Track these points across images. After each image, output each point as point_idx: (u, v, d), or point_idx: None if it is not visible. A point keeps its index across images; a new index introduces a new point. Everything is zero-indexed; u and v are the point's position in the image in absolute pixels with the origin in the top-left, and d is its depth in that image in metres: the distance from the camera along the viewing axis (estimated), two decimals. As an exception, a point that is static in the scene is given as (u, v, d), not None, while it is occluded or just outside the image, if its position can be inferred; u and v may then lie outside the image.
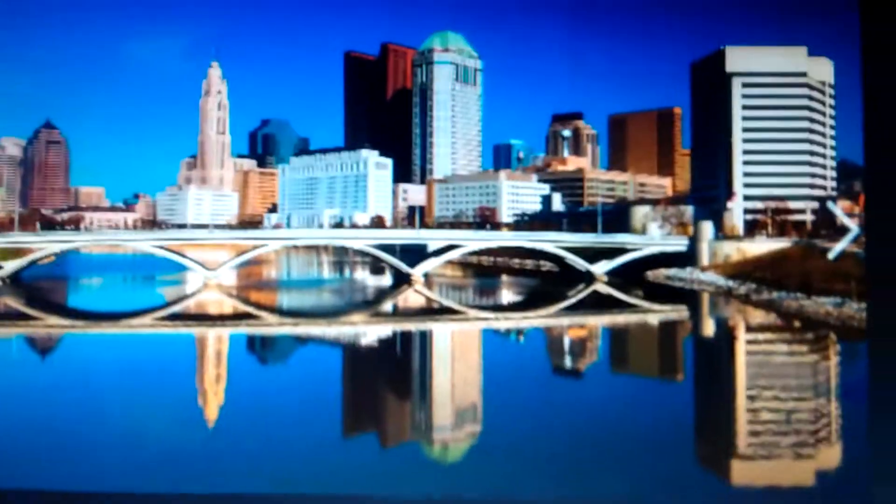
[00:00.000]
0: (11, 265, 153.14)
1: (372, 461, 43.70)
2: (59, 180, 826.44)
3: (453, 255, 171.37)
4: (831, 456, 45.27)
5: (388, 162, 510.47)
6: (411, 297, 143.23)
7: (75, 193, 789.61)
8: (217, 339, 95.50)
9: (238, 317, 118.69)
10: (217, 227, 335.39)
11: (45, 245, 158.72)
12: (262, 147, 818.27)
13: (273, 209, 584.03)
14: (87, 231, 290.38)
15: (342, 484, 36.83)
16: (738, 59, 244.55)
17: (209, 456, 42.65)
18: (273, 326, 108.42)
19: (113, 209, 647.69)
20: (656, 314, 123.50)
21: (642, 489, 37.45)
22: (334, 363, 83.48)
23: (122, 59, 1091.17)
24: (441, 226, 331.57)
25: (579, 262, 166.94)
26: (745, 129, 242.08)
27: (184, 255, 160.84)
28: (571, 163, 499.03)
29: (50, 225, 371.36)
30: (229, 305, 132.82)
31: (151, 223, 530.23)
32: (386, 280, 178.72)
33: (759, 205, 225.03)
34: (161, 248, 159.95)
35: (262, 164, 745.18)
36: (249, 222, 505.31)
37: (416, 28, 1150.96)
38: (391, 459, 45.40)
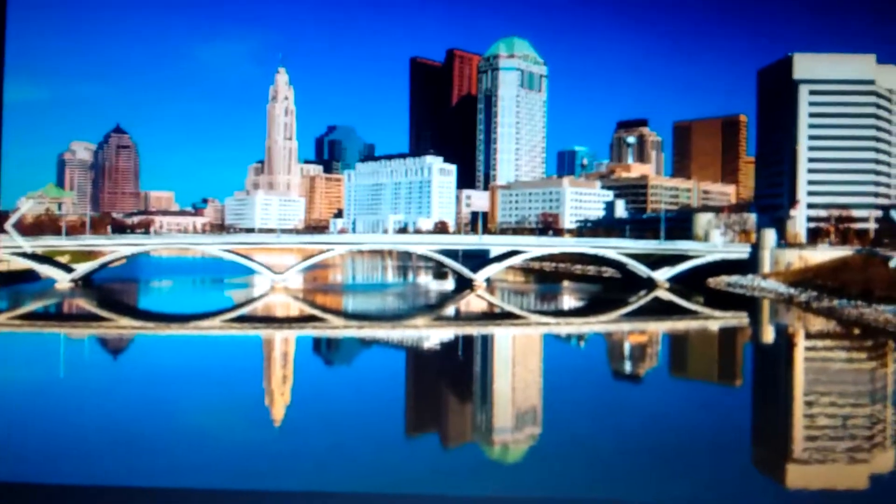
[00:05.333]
0: (83, 267, 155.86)
1: (434, 461, 44.68)
2: (129, 184, 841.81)
3: (515, 260, 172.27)
4: (886, 461, 45.38)
5: (453, 168, 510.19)
6: (473, 302, 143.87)
7: (145, 197, 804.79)
8: (284, 341, 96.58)
9: (304, 319, 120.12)
10: (284, 231, 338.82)
11: (116, 248, 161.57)
12: (328, 153, 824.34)
13: (339, 214, 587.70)
14: (157, 235, 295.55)
15: (405, 482, 37.71)
16: (806, 66, 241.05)
17: (276, 454, 43.63)
18: (338, 329, 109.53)
19: (182, 213, 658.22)
20: (717, 321, 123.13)
21: (699, 491, 38.10)
22: (398, 365, 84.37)
23: (191, 65, 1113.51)
24: (504, 231, 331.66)
25: (641, 269, 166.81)
26: (811, 137, 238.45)
27: (251, 259, 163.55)
28: (635, 169, 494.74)
29: (121, 228, 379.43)
30: (296, 308, 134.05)
31: (220, 227, 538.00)
32: (448, 285, 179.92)
33: (822, 213, 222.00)
34: (229, 251, 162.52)
35: (328, 169, 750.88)
36: (316, 227, 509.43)
37: (482, 34, 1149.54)
38: (453, 459, 46.17)
